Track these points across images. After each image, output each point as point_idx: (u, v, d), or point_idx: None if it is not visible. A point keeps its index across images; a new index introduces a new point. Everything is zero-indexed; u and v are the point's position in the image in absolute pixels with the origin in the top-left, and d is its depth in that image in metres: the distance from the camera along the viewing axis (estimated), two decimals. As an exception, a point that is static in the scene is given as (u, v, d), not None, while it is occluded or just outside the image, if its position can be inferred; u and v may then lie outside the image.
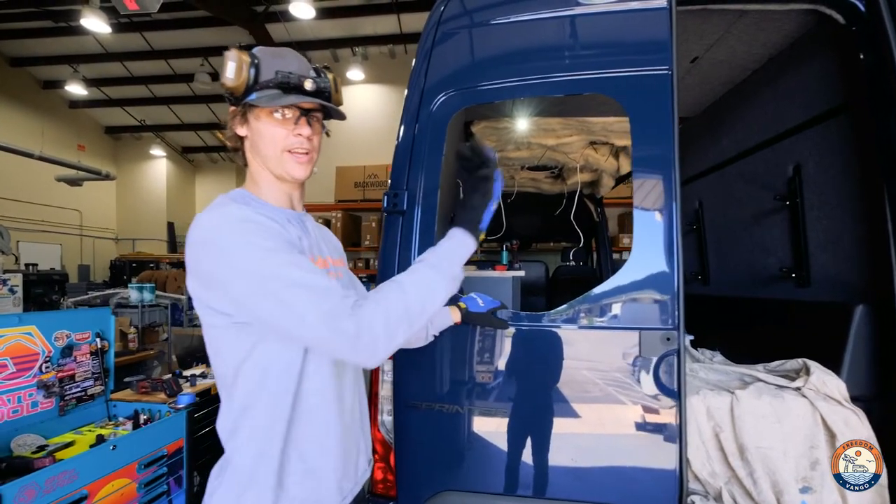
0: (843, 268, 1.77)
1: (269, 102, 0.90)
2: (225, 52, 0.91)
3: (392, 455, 1.34)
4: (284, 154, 0.94)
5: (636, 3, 1.42)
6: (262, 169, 0.97)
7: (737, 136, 2.40)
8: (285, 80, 0.90)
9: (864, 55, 1.53)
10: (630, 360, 1.27)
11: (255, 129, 0.94)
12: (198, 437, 2.37)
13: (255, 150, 0.96)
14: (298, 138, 0.94)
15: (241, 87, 0.90)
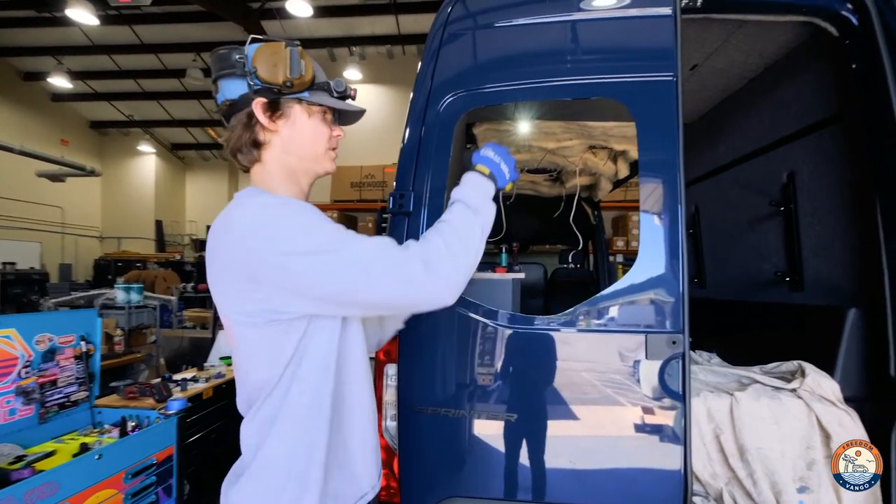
0: (835, 272, 1.82)
1: (334, 103, 0.97)
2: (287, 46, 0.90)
3: (396, 461, 1.33)
4: (328, 152, 1.00)
5: (642, 10, 1.44)
6: (283, 167, 0.95)
7: (733, 142, 2.45)
8: (339, 88, 0.98)
9: (857, 67, 1.57)
10: (636, 364, 1.29)
11: (302, 125, 0.95)
12: (188, 444, 2.32)
13: (295, 144, 0.95)
14: (337, 138, 1.02)
15: (306, 84, 0.93)
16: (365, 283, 0.81)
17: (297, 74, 0.90)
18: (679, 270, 1.30)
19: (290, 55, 0.89)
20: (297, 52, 0.90)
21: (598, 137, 2.76)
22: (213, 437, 2.64)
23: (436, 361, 1.38)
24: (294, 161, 0.96)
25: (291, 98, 0.92)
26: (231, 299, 0.84)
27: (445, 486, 1.32)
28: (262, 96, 0.91)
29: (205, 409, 2.61)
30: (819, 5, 1.54)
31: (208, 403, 2.64)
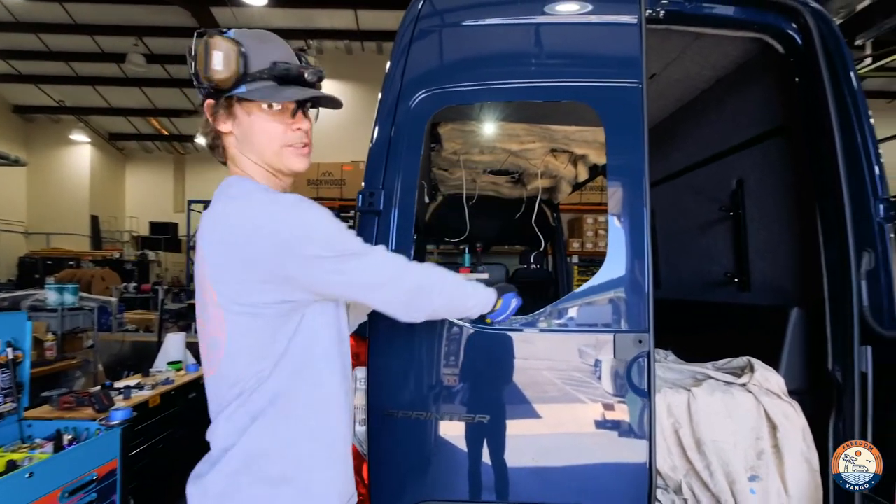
0: (779, 274, 1.96)
1: (270, 97, 0.82)
2: (207, 39, 0.80)
3: (365, 467, 1.28)
4: (284, 149, 0.88)
5: (609, 17, 1.47)
6: (254, 164, 0.89)
7: (687, 150, 2.58)
8: (284, 71, 0.83)
9: (800, 83, 1.70)
10: (605, 362, 1.31)
11: (247, 124, 0.85)
12: (133, 457, 2.13)
13: (248, 145, 0.87)
14: (298, 133, 0.88)
15: (230, 80, 0.81)
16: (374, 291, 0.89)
17: (209, 72, 0.79)
18: (644, 272, 1.34)
19: (204, 50, 0.79)
20: (209, 44, 0.79)
21: (560, 141, 2.82)
22: (160, 447, 2.45)
23: (407, 364, 1.34)
24: (256, 158, 0.88)
25: (231, 96, 0.83)
26: (239, 290, 0.80)
27: (416, 491, 1.29)
28: (208, 98, 0.86)
29: (151, 419, 2.41)
30: (768, 23, 1.64)
31: (155, 412, 2.44)
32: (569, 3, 1.47)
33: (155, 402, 2.44)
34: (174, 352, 2.98)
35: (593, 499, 1.30)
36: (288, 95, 0.83)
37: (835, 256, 1.54)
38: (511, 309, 1.20)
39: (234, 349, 0.82)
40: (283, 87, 0.83)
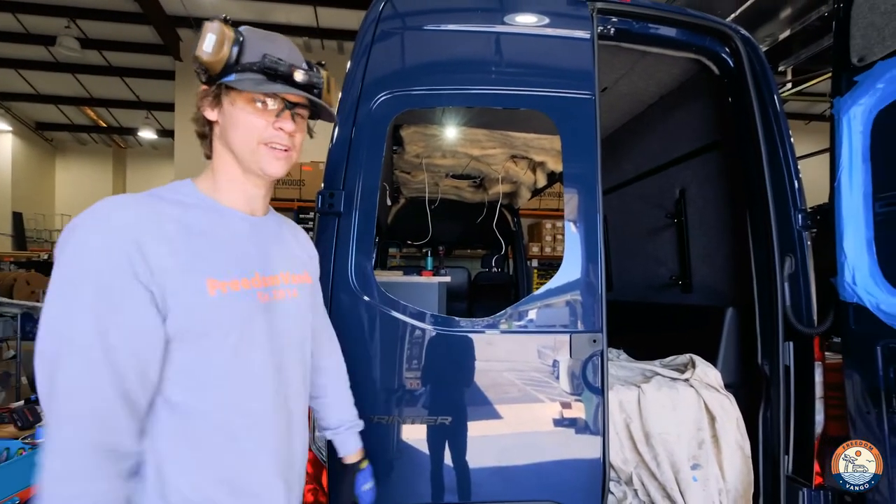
0: (716, 277, 2.12)
1: (252, 87, 0.78)
2: (205, 22, 0.78)
3: (325, 475, 1.25)
4: (260, 147, 0.82)
5: (564, 31, 1.54)
6: (227, 162, 0.84)
7: (636, 160, 2.74)
8: (273, 65, 0.79)
9: (732, 102, 1.86)
10: (562, 361, 1.36)
11: (230, 114, 0.81)
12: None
13: (226, 138, 0.83)
14: (278, 133, 0.83)
15: (218, 64, 0.78)
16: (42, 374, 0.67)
17: (206, 56, 0.77)
18: (598, 275, 1.40)
19: (204, 31, 0.77)
20: (211, 26, 0.77)
21: (520, 148, 2.91)
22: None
23: (369, 368, 1.32)
24: (232, 154, 0.84)
25: (220, 82, 0.80)
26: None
27: (380, 497, 1.27)
28: (204, 83, 0.82)
29: None
30: (705, 46, 1.78)
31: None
32: (526, 16, 1.52)
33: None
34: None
35: (553, 493, 1.35)
36: (268, 88, 0.79)
37: (762, 260, 1.69)
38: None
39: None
40: (269, 82, 0.80)
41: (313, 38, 8.97)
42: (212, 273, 0.76)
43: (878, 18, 1.38)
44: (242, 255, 0.84)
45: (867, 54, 1.41)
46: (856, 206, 1.44)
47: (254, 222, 0.88)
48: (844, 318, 1.47)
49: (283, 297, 0.89)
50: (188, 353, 0.74)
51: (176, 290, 0.71)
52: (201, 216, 0.79)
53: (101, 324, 0.65)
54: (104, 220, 0.69)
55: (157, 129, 11.64)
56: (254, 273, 0.83)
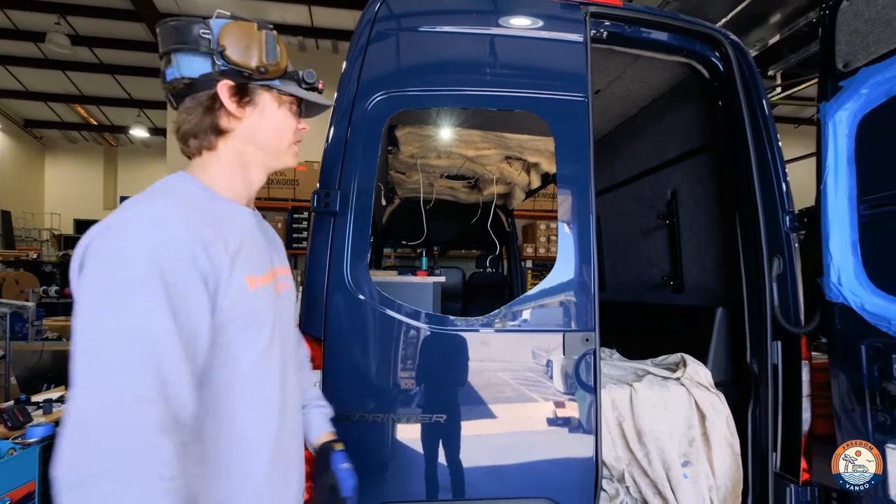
0: (707, 277, 2.16)
1: (304, 93, 0.89)
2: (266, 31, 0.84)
3: (320, 471, 1.25)
4: (291, 146, 0.92)
5: (558, 34, 1.56)
6: (238, 161, 0.85)
7: (628, 162, 2.77)
8: (312, 80, 0.91)
9: (722, 105, 1.89)
10: (555, 360, 1.38)
11: (271, 115, 0.87)
12: (54, 476, 1.93)
13: (254, 137, 0.86)
14: (302, 131, 0.94)
15: (280, 70, 0.86)
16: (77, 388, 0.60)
17: (273, 60, 0.83)
18: (591, 275, 1.42)
19: (266, 38, 0.82)
20: (273, 36, 0.84)
21: (514, 149, 2.93)
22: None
23: (364, 366, 1.33)
24: (252, 152, 0.87)
25: (261, 84, 0.84)
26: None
27: (374, 494, 1.28)
28: (229, 79, 0.81)
29: None
30: (695, 50, 1.81)
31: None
32: (521, 18, 1.54)
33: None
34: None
35: (546, 490, 1.36)
36: (312, 96, 0.91)
37: (751, 261, 1.73)
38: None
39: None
40: (307, 91, 0.91)
41: (308, 38, 8.94)
42: (249, 269, 0.79)
43: (861, 26, 1.41)
44: (262, 250, 0.87)
45: (851, 60, 1.44)
46: (841, 209, 1.47)
47: (255, 215, 0.91)
48: (830, 318, 1.51)
49: (283, 289, 0.92)
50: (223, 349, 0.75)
51: (226, 287, 0.73)
52: (226, 213, 0.81)
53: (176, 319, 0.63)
54: (165, 219, 0.68)
55: (150, 128, 11.52)
56: (267, 268, 0.87)
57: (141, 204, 0.71)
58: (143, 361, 0.60)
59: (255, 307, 0.78)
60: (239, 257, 0.77)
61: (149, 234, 0.65)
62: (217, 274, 0.72)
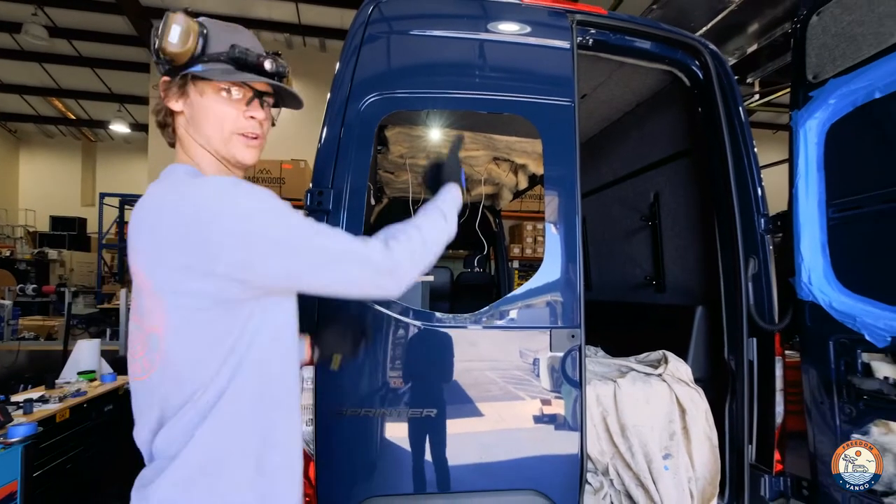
0: (687, 277, 2.23)
1: (223, 76, 0.81)
2: (167, 13, 0.80)
3: (312, 467, 1.27)
4: (234, 137, 0.85)
5: (546, 40, 1.61)
6: (201, 149, 0.86)
7: (612, 165, 2.84)
8: (242, 55, 0.82)
9: (701, 112, 1.96)
10: (542, 356, 1.42)
11: (199, 105, 0.83)
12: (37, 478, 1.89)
13: (197, 128, 0.85)
14: (251, 122, 0.86)
15: (185, 55, 0.80)
16: (329, 270, 0.80)
17: (163, 42, 0.79)
18: (577, 273, 1.47)
19: (163, 23, 0.79)
20: (175, 17, 0.80)
21: (502, 150, 2.97)
22: (69, 467, 2.19)
23: (356, 361, 1.35)
24: (204, 142, 0.86)
25: (186, 73, 0.82)
26: (172, 277, 0.74)
27: (364, 488, 1.30)
28: (166, 74, 0.84)
29: (60, 434, 2.15)
30: (676, 59, 1.88)
31: (64, 427, 2.17)
32: (509, 24, 1.58)
33: (64, 416, 2.18)
34: (86, 360, 2.67)
35: (533, 483, 1.40)
36: (240, 77, 0.82)
37: (729, 262, 1.80)
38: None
39: (179, 345, 0.76)
40: (238, 71, 0.83)
41: (295, 35, 8.87)
42: None
43: (829, 40, 1.50)
44: None
45: (820, 72, 1.53)
46: (811, 212, 1.55)
47: None
48: (801, 316, 1.59)
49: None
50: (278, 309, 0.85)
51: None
52: None
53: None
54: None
55: (130, 123, 11.25)
56: None
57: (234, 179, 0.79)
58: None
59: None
60: None
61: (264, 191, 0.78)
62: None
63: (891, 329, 1.33)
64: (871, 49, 1.38)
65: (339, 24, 8.41)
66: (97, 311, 5.76)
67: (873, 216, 1.42)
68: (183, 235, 0.72)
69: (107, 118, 11.29)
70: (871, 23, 1.38)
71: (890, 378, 1.37)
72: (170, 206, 0.76)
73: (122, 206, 7.25)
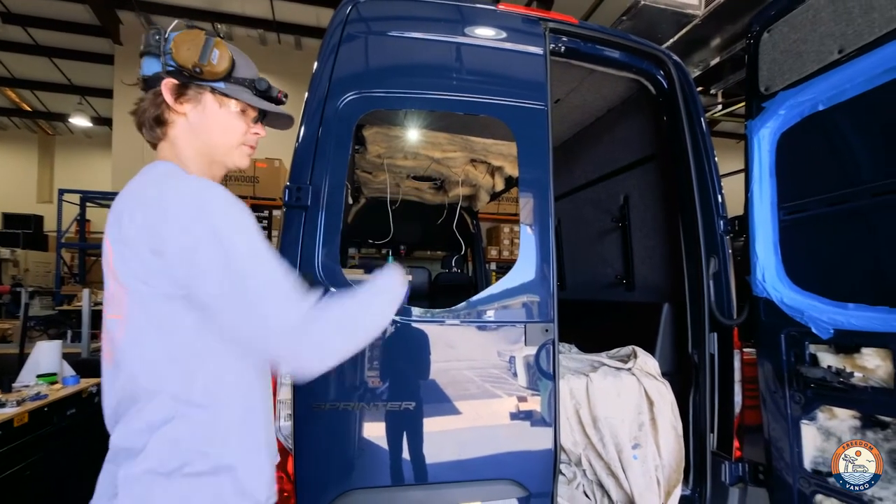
0: (655, 276, 2.34)
1: (249, 99, 0.97)
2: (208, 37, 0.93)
3: (291, 462, 1.27)
4: (240, 147, 0.99)
5: (520, 45, 1.66)
6: (194, 151, 0.95)
7: (585, 168, 2.94)
8: (266, 88, 1.00)
9: (666, 119, 2.07)
10: (518, 349, 1.47)
11: (213, 114, 0.95)
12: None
13: (201, 132, 0.95)
14: (255, 137, 1.02)
15: (218, 74, 0.93)
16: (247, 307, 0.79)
17: (205, 61, 0.92)
18: (550, 271, 1.53)
19: (204, 42, 0.92)
20: (212, 41, 0.93)
21: (479, 152, 3.03)
22: (28, 474, 2.08)
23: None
24: (202, 146, 0.96)
25: (205, 85, 0.94)
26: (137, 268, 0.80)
27: (343, 481, 1.31)
28: (172, 77, 0.93)
29: (18, 440, 2.04)
30: (643, 68, 1.98)
31: (22, 433, 2.06)
32: (485, 29, 1.63)
33: (22, 420, 2.08)
34: (46, 363, 2.55)
35: (510, 473, 1.44)
36: (262, 104, 0.99)
37: (692, 261, 1.91)
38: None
39: (143, 335, 0.80)
40: (258, 97, 0.99)
41: (269, 32, 8.70)
42: None
43: (778, 56, 1.62)
44: None
45: (771, 85, 1.65)
46: (765, 215, 1.67)
47: None
48: (757, 311, 1.70)
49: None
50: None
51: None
52: None
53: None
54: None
55: (93, 117, 10.73)
56: None
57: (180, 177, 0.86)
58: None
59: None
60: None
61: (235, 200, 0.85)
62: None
63: (833, 322, 1.45)
64: (814, 65, 1.51)
65: (314, 23, 8.31)
66: (55, 312, 5.47)
67: (817, 219, 1.55)
68: (152, 227, 0.78)
69: (66, 111, 10.73)
70: (814, 41, 1.50)
71: (833, 367, 1.49)
72: (148, 200, 0.81)
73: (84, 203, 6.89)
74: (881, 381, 1.37)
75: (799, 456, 1.58)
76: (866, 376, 1.41)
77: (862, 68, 1.36)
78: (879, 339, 1.34)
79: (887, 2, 1.30)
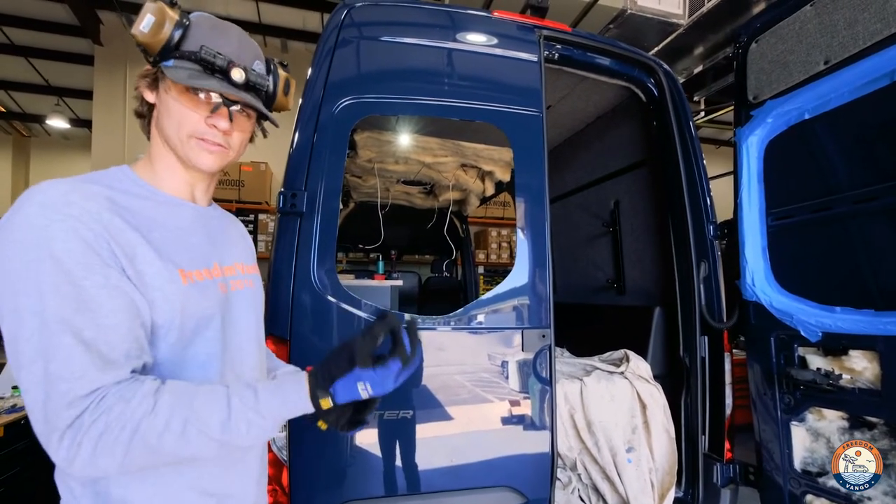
0: (646, 280, 2.37)
1: (183, 78, 0.73)
2: (147, 2, 0.74)
3: (285, 474, 1.24)
4: (191, 139, 0.78)
5: (515, 52, 1.68)
6: (163, 148, 0.81)
7: (576, 173, 2.98)
8: (209, 58, 0.73)
9: (656, 125, 2.11)
10: (515, 355, 1.47)
11: (164, 101, 0.77)
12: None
13: (160, 125, 0.79)
14: (211, 129, 0.78)
15: (156, 46, 0.74)
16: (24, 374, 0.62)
17: (142, 36, 0.73)
18: (546, 277, 1.53)
19: (143, 9, 0.73)
20: (150, 6, 0.73)
21: (470, 157, 3.04)
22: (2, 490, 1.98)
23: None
24: (163, 141, 0.80)
25: (160, 65, 0.76)
26: None
27: (339, 492, 1.28)
28: (149, 63, 0.78)
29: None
30: (633, 76, 2.01)
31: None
32: (480, 35, 1.64)
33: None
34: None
35: (507, 480, 1.44)
36: (199, 83, 0.73)
37: (683, 265, 1.94)
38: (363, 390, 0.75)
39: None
40: (203, 76, 0.75)
41: (255, 34, 8.60)
42: (180, 263, 0.75)
43: (766, 65, 1.67)
44: (199, 245, 0.81)
45: (759, 93, 1.69)
46: (753, 220, 1.71)
47: (201, 212, 0.86)
48: (746, 315, 1.73)
49: (240, 287, 0.88)
50: (164, 347, 0.72)
51: (154, 281, 0.69)
52: (153, 207, 0.77)
53: (78, 303, 0.62)
54: (63, 206, 0.65)
55: (71, 118, 10.43)
56: (213, 263, 0.82)
57: (44, 192, 0.68)
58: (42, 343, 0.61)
59: (192, 303, 0.74)
60: (165, 251, 0.73)
61: (45, 222, 0.64)
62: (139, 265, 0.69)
63: (821, 325, 1.48)
64: (800, 75, 1.56)
65: (300, 25, 8.25)
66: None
67: (803, 224, 1.59)
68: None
69: (43, 112, 10.41)
70: (800, 52, 1.55)
71: (822, 369, 1.53)
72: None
73: (61, 207, 6.69)
74: (868, 383, 1.41)
75: (789, 457, 1.61)
76: (854, 378, 1.44)
77: (846, 79, 1.41)
78: (866, 341, 1.38)
79: (870, 15, 1.35)
